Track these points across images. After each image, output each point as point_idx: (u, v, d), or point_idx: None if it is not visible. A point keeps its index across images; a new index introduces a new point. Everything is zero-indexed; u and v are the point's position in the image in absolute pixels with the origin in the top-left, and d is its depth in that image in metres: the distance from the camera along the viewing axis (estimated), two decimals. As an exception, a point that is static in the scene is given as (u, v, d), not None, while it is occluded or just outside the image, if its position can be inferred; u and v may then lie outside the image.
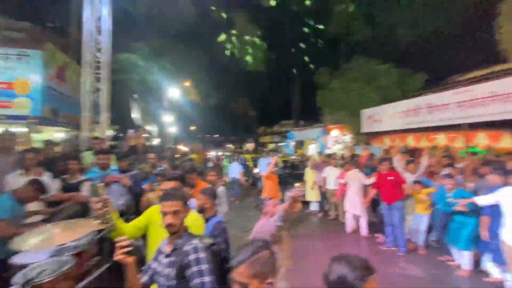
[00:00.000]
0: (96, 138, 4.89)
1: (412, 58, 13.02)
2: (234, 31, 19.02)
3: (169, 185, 2.02)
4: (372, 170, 5.65)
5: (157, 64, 9.54)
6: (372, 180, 5.18)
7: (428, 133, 8.51)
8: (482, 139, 7.05)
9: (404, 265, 4.22)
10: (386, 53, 13.08)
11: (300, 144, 17.14)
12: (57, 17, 8.45)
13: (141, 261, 1.89)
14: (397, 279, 3.83)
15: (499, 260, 3.42)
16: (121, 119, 10.09)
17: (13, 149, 3.95)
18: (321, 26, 19.52)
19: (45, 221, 3.03)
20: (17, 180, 3.53)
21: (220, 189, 3.86)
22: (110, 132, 10.28)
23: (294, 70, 22.09)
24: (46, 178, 3.55)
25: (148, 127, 20.79)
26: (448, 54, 12.72)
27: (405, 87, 11.39)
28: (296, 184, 2.61)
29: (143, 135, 8.39)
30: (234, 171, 8.87)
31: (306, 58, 21.72)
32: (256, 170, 10.35)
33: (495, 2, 10.06)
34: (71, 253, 2.34)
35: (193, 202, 2.45)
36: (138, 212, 3.26)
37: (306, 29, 21.32)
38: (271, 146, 30.30)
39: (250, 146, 32.85)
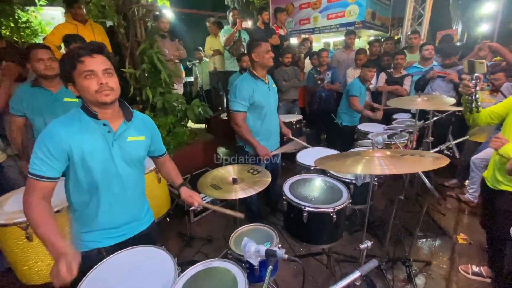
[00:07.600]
0: (413, 33, 4.72)
1: None
2: None
3: None
4: None
5: None
6: None
7: None
8: None
9: None
10: None
11: None
12: None
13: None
14: None
15: None
16: (437, 15, 8.74)
17: (351, 47, 4.97)
18: None
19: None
20: (353, 72, 4.56)
21: None
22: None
23: None
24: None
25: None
26: None
27: None
28: None
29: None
30: None
31: None
32: None
33: None
34: (405, 130, 2.75)
35: None
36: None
37: None
38: None
39: None
